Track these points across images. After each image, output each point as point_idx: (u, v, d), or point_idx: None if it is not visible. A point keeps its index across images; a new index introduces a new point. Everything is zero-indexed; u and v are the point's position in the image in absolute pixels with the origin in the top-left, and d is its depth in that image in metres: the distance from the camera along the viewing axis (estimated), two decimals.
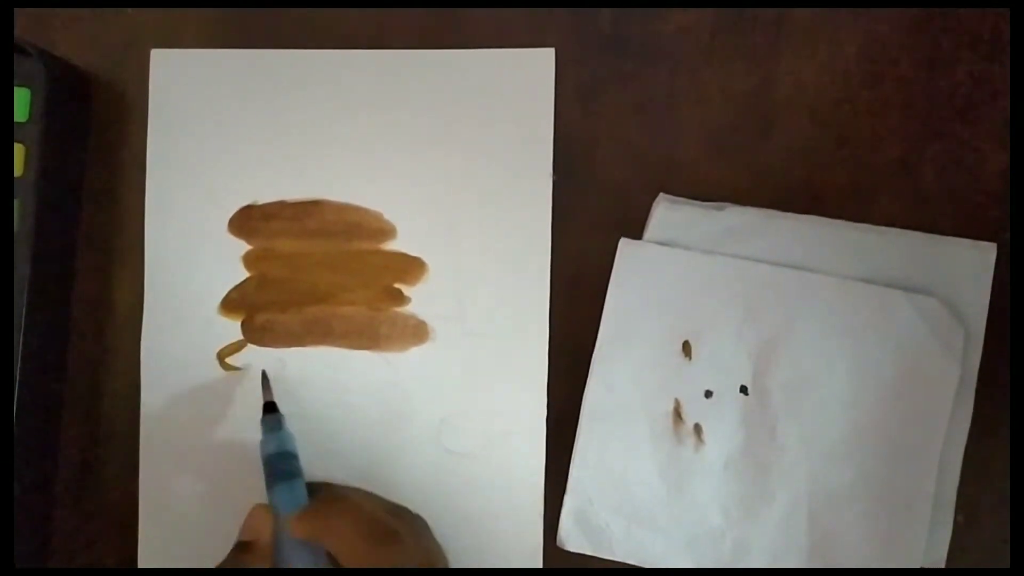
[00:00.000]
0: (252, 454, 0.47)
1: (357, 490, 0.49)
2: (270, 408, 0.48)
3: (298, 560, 0.44)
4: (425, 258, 0.50)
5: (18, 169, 0.47)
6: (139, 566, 0.50)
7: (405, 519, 0.47)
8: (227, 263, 0.51)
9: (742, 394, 0.47)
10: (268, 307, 0.51)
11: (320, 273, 0.51)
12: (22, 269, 0.47)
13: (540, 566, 0.49)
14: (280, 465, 0.46)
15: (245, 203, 0.51)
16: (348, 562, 0.43)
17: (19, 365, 0.47)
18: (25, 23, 0.50)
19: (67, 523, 0.51)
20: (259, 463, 0.47)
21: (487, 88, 0.50)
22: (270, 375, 0.50)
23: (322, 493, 0.47)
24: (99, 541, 0.51)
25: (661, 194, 0.48)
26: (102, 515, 0.51)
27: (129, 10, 0.51)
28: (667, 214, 0.48)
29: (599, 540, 0.48)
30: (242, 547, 0.45)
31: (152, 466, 0.50)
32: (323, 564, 0.44)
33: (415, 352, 0.50)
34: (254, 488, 0.48)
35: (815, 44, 0.49)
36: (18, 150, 0.47)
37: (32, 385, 0.48)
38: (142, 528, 0.50)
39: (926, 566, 0.46)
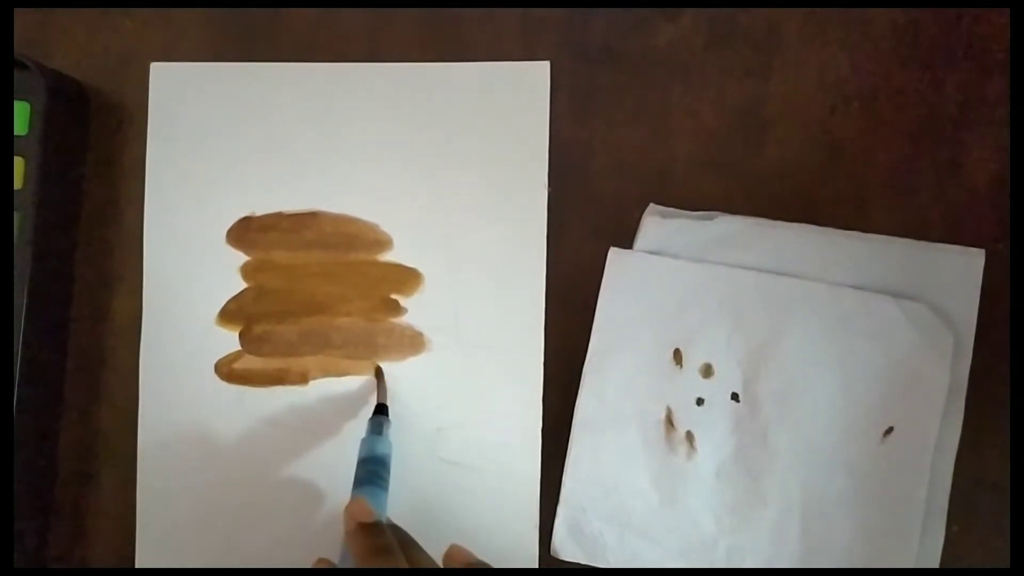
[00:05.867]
0: (249, 462, 0.48)
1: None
2: (380, 410, 0.49)
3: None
4: (421, 269, 0.51)
5: (18, 182, 0.48)
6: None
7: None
8: (225, 274, 0.51)
9: (733, 401, 0.47)
10: (266, 318, 0.51)
11: (317, 284, 0.51)
12: (21, 280, 0.47)
13: None
14: (371, 470, 0.46)
15: (243, 214, 0.51)
16: None
17: (18, 373, 0.47)
18: (24, 37, 0.51)
19: (66, 528, 0.52)
20: (256, 469, 0.47)
21: (483, 101, 0.51)
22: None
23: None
24: (98, 547, 0.51)
25: (651, 204, 0.48)
26: (100, 522, 0.51)
27: (128, 23, 0.52)
28: (657, 224, 0.48)
29: (593, 549, 0.48)
30: (370, 530, 0.43)
31: (149, 474, 0.51)
32: None
33: (412, 362, 0.50)
34: (252, 494, 0.49)
35: (807, 55, 0.49)
36: (18, 163, 0.48)
37: (31, 393, 0.48)
38: (139, 536, 0.51)
39: None
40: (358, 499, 0.44)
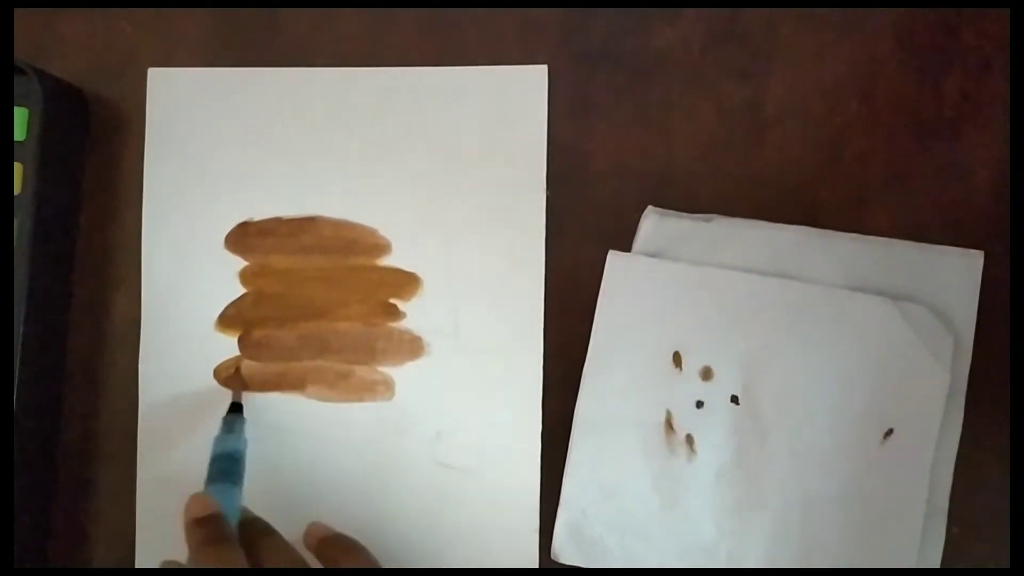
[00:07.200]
0: (248, 465, 0.48)
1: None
2: (234, 408, 0.50)
3: None
4: (420, 273, 0.50)
5: (17, 187, 0.48)
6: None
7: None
8: (224, 279, 0.51)
9: (733, 404, 0.47)
10: (264, 323, 0.51)
11: (316, 289, 0.51)
12: (21, 284, 0.48)
13: None
14: (222, 467, 0.47)
15: (241, 220, 0.51)
16: None
17: (18, 377, 0.47)
18: (22, 43, 0.51)
19: (66, 531, 0.52)
20: (255, 472, 0.48)
21: (481, 105, 0.50)
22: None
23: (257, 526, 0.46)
24: (97, 550, 0.52)
25: (650, 206, 0.48)
26: (100, 525, 0.52)
27: (127, 27, 0.52)
28: (656, 226, 0.48)
29: (593, 553, 0.47)
30: (204, 521, 0.43)
31: (149, 478, 0.51)
32: None
33: (411, 367, 0.50)
34: (250, 497, 0.48)
35: (805, 57, 0.49)
36: (17, 168, 0.48)
37: (31, 397, 0.49)
38: (139, 539, 0.51)
39: None
40: (197, 495, 0.45)
